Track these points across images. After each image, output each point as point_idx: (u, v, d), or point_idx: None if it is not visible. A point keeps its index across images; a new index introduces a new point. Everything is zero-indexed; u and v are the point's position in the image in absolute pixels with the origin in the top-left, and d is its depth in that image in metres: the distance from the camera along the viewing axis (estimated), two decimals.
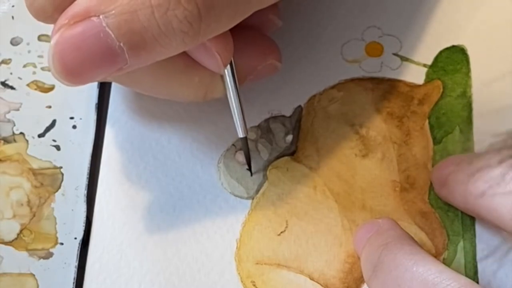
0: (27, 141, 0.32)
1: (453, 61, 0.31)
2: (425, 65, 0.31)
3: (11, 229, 0.30)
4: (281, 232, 0.29)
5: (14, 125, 0.32)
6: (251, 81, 0.29)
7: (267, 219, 0.29)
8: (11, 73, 0.33)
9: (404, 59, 0.32)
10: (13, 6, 0.34)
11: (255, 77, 0.29)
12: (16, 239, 0.30)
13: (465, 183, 0.26)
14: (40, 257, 0.29)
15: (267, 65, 0.29)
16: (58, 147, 0.31)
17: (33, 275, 0.29)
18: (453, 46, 0.32)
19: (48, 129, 0.32)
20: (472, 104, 0.30)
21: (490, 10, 0.32)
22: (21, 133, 0.32)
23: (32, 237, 0.30)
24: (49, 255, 0.30)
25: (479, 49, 0.31)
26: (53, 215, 0.30)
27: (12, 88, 0.33)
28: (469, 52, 0.31)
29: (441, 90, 0.31)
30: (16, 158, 0.31)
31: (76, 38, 0.22)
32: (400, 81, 0.31)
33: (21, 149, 0.31)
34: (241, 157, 0.30)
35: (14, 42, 0.34)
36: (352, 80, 0.31)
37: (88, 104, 0.32)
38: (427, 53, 0.32)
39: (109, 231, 0.29)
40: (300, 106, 0.31)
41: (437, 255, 0.28)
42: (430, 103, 0.31)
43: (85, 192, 0.30)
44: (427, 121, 0.30)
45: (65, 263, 0.29)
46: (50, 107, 0.32)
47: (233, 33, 0.25)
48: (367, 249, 0.26)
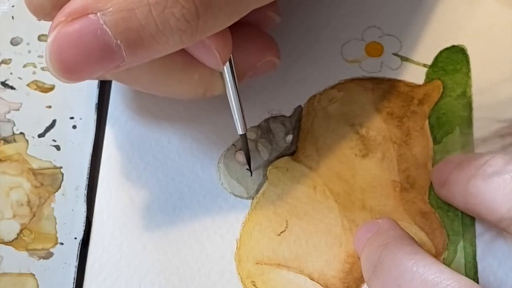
0: (27, 141, 0.32)
1: (453, 61, 0.31)
2: (425, 65, 0.31)
3: (11, 229, 0.30)
4: (281, 232, 0.29)
5: (14, 125, 0.32)
6: (250, 77, 0.29)
7: (267, 219, 0.29)
8: (11, 73, 0.33)
9: (404, 59, 0.32)
10: (13, 6, 0.34)
11: (254, 74, 0.29)
12: (16, 239, 0.30)
13: (465, 183, 0.26)
14: (40, 257, 0.29)
15: (266, 62, 0.29)
16: (58, 147, 0.31)
17: (33, 275, 0.29)
18: (453, 46, 0.32)
19: (48, 129, 0.32)
20: (472, 104, 0.30)
21: (490, 10, 0.32)
22: (21, 133, 0.32)
23: (32, 237, 0.30)
24: (49, 255, 0.30)
25: (479, 49, 0.31)
26: (53, 215, 0.30)
27: (12, 88, 0.33)
28: (469, 52, 0.31)
29: (441, 90, 0.31)
30: (16, 158, 0.31)
31: (73, 35, 0.22)
32: (400, 81, 0.31)
33: (21, 149, 0.31)
34: (241, 157, 0.30)
35: (14, 42, 0.34)
36: (352, 80, 0.31)
37: (88, 104, 0.32)
38: (427, 53, 0.32)
39: (109, 231, 0.29)
40: (300, 106, 0.31)
41: (437, 255, 0.28)
42: (430, 103, 0.31)
43: (85, 192, 0.30)
44: (427, 121, 0.30)
45: (65, 263, 0.29)
46: (50, 107, 0.32)
47: (231, 30, 0.25)
48: (367, 249, 0.26)
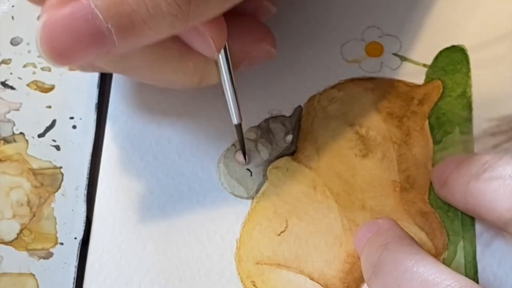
0: (27, 141, 0.32)
1: (453, 61, 0.31)
2: (425, 65, 0.31)
3: (11, 229, 0.30)
4: (281, 232, 0.29)
5: (14, 125, 0.32)
6: (246, 67, 0.28)
7: (267, 219, 0.29)
8: (11, 73, 0.33)
9: (404, 59, 0.32)
10: (13, 6, 0.34)
11: (250, 63, 0.28)
12: (16, 239, 0.30)
13: (465, 183, 0.26)
14: (40, 257, 0.29)
15: (261, 51, 0.28)
16: (58, 147, 0.31)
17: (33, 275, 0.29)
18: (453, 46, 0.32)
19: (48, 129, 0.32)
20: (472, 104, 0.30)
21: (490, 10, 0.32)
22: (21, 133, 0.32)
23: (32, 237, 0.30)
24: (49, 255, 0.30)
25: (479, 49, 0.31)
26: (53, 215, 0.30)
27: (12, 88, 0.33)
28: (469, 52, 0.31)
29: (441, 90, 0.31)
30: (16, 158, 0.31)
31: (64, 19, 0.22)
32: (400, 81, 0.31)
33: (21, 149, 0.31)
34: (241, 157, 0.30)
35: (14, 42, 0.34)
36: (352, 80, 0.31)
37: (88, 104, 0.32)
38: (427, 53, 0.32)
39: (109, 231, 0.29)
40: (300, 106, 0.31)
41: (437, 255, 0.28)
42: (430, 103, 0.31)
43: (85, 192, 0.30)
44: (427, 121, 0.30)
45: (65, 263, 0.29)
46: (50, 107, 0.32)
47: (227, 19, 0.25)
48: (367, 249, 0.26)
